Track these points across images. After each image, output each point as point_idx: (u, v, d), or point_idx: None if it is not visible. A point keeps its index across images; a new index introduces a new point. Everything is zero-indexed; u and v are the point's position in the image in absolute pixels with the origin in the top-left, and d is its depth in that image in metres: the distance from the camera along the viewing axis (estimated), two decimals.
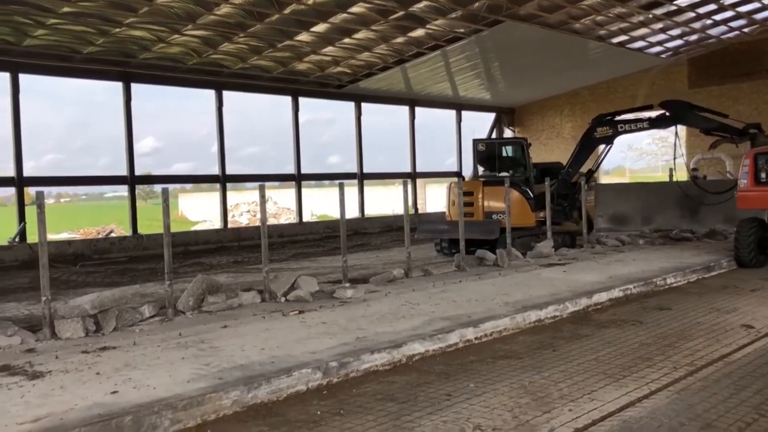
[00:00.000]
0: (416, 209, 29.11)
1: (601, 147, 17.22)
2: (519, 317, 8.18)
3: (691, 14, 23.03)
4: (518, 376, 6.07)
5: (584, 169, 17.22)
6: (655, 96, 29.43)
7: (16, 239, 18.98)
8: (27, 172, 19.45)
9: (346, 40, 21.12)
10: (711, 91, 28.23)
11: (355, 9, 18.66)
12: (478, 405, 5.31)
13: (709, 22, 24.40)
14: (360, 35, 20.86)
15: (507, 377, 6.06)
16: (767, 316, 8.36)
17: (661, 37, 25.48)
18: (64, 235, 33.62)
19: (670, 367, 6.26)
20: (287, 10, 17.98)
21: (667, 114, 16.28)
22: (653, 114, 16.70)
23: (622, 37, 24.71)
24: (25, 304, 10.82)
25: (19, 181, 19.12)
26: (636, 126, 16.70)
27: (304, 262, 16.26)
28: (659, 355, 6.67)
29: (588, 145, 16.93)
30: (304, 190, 26.76)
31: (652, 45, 26.37)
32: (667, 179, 22.18)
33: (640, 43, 25.90)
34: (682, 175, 20.63)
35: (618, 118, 16.80)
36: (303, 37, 20.34)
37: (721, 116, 16.15)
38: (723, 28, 25.44)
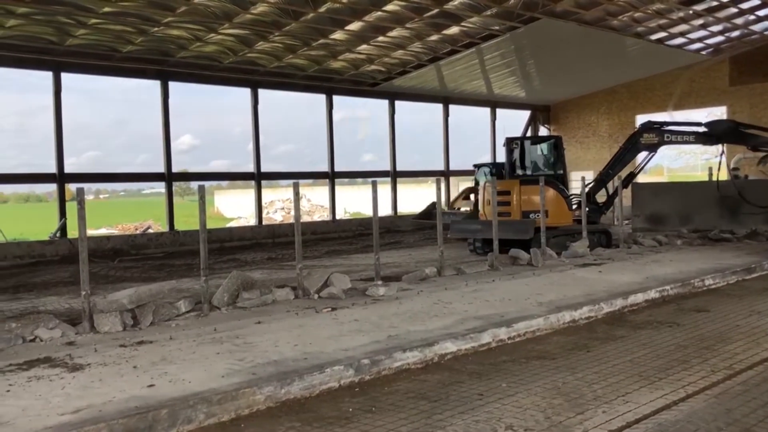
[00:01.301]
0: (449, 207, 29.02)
1: (644, 153, 17.06)
2: (553, 317, 8.11)
3: (734, 10, 22.52)
4: (551, 377, 6.01)
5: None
6: (694, 94, 28.97)
7: (57, 234, 19.44)
8: (68, 168, 19.93)
9: (381, 38, 21.15)
10: (753, 88, 27.57)
11: (389, 7, 18.67)
12: (510, 405, 5.28)
13: (752, 17, 23.82)
14: (394, 33, 20.86)
15: (540, 378, 6.01)
16: None
17: (702, 33, 24.96)
18: (103, 231, 34.31)
19: (708, 370, 6.14)
20: (322, 9, 18.08)
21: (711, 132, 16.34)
22: (699, 130, 16.68)
23: (661, 34, 24.28)
24: (65, 297, 11.08)
25: (60, 178, 19.59)
26: (682, 138, 16.82)
27: (337, 259, 16.34)
28: (696, 358, 6.54)
29: (632, 149, 16.83)
30: (337, 188, 26.88)
31: (692, 42, 25.86)
32: (706, 178, 21.78)
33: (679, 40, 25.42)
34: (722, 175, 20.18)
35: (666, 128, 16.72)
36: (338, 35, 20.43)
37: (767, 132, 16.10)
38: (766, 23, 24.81)
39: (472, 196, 22.19)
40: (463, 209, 21.99)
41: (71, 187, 20.71)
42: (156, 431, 4.76)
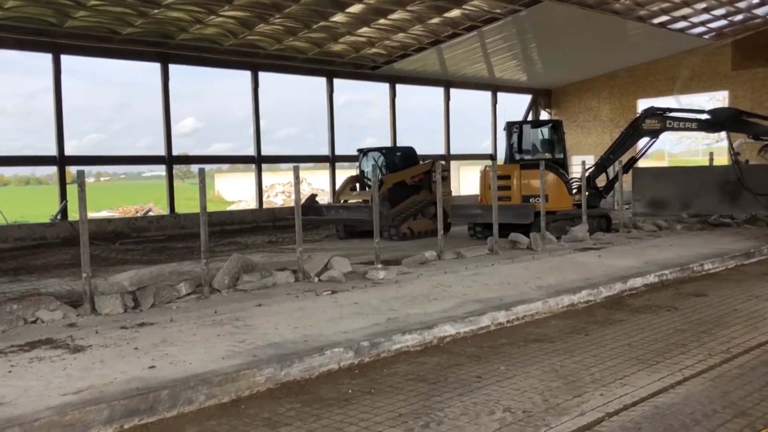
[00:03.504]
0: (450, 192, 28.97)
1: (645, 138, 17.02)
2: (552, 301, 8.14)
3: None
4: (549, 360, 6.06)
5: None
6: (696, 78, 28.84)
7: (58, 217, 19.46)
8: (70, 151, 19.90)
9: (382, 20, 21.02)
10: (756, 73, 27.44)
11: None
12: (508, 387, 5.32)
13: (755, 1, 23.65)
14: (395, 16, 20.74)
15: (538, 360, 6.06)
16: None
17: (704, 17, 24.79)
18: (103, 214, 34.36)
19: (705, 354, 6.18)
20: None
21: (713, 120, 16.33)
22: (702, 117, 16.64)
23: (663, 18, 24.11)
24: (66, 280, 11.12)
25: (61, 160, 19.57)
26: (684, 125, 16.80)
27: (338, 242, 16.36)
28: (694, 342, 6.59)
29: (634, 135, 16.79)
30: (338, 172, 26.83)
31: (695, 25, 25.68)
32: (707, 163, 21.76)
33: (681, 24, 25.24)
34: (723, 160, 20.20)
35: (669, 114, 16.67)
36: (338, 17, 20.30)
37: None
38: None
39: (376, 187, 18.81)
40: (351, 201, 18.19)
41: (72, 170, 20.70)
42: (157, 412, 4.80)
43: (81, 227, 7.73)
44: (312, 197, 18.52)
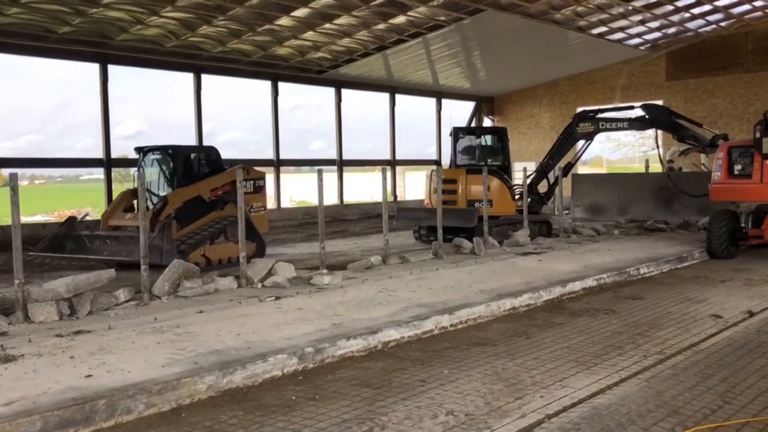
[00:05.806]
0: (395, 197, 29.15)
1: (581, 142, 17.46)
2: (494, 305, 8.27)
3: (670, 7, 23.24)
4: (492, 363, 6.15)
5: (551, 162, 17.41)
6: (633, 88, 29.80)
7: None
8: (2, 153, 19.15)
9: (327, 25, 21.00)
10: (687, 83, 28.54)
11: None
12: (451, 391, 5.38)
13: (687, 15, 24.63)
14: (341, 21, 20.74)
15: (481, 364, 6.14)
16: (735, 306, 8.55)
17: (641, 29, 25.69)
18: (38, 218, 33.17)
19: (641, 355, 6.38)
20: None
21: (647, 117, 16.84)
22: (633, 115, 17.16)
23: (602, 29, 24.87)
24: None
25: None
26: (616, 125, 17.28)
27: (282, 248, 16.23)
28: (630, 344, 6.79)
29: (569, 139, 17.19)
30: (283, 176, 26.65)
31: (631, 37, 26.58)
32: (643, 170, 22.52)
33: (619, 35, 26.08)
34: (658, 167, 20.90)
35: (600, 115, 17.15)
36: (283, 21, 20.18)
37: (696, 125, 16.78)
38: (700, 21, 25.70)
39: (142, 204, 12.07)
40: (126, 224, 13.02)
41: (4, 172, 19.91)
42: (93, 422, 4.67)
43: (14, 231, 7.45)
44: (70, 221, 13.48)
